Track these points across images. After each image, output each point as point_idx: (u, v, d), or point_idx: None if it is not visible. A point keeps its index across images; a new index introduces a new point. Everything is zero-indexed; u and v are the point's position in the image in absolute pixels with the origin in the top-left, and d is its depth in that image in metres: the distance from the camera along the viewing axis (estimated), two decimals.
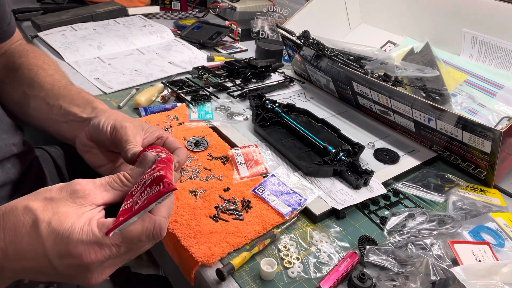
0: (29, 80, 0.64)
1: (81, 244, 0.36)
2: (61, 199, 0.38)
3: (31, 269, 0.38)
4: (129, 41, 1.24)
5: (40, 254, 0.36)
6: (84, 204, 0.38)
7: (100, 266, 0.37)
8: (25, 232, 0.37)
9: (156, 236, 0.39)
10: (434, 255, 0.54)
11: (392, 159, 0.77)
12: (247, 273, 0.54)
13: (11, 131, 0.64)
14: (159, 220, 0.39)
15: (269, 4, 1.41)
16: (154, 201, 0.36)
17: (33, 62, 0.68)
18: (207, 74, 1.03)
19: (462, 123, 0.69)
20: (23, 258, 0.37)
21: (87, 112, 0.57)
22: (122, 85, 1.00)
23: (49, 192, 0.39)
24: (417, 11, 1.05)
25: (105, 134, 0.52)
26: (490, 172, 0.72)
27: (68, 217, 0.37)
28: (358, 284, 0.51)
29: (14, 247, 0.37)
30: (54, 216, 0.37)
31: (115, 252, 0.37)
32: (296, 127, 0.81)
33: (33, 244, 0.36)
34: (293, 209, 0.63)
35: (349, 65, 0.86)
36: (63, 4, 1.49)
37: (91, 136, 0.55)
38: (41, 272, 0.38)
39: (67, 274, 0.37)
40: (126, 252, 0.38)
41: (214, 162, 0.74)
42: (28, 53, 0.69)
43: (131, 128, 0.51)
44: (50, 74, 0.66)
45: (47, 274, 0.38)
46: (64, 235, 0.36)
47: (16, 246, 0.37)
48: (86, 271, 0.37)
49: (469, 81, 0.90)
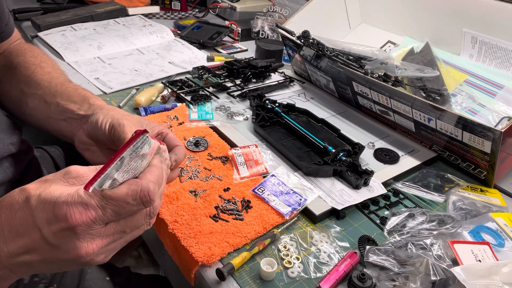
0: (27, 79, 0.64)
1: (65, 205, 0.35)
2: (55, 179, 0.39)
3: (25, 248, 0.37)
4: (129, 41, 1.24)
5: (31, 225, 0.37)
6: (76, 184, 0.39)
7: (88, 231, 0.36)
8: (18, 208, 0.38)
9: (145, 199, 0.37)
10: (434, 255, 0.54)
11: (392, 159, 0.77)
12: (247, 273, 0.54)
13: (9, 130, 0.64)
14: (146, 183, 0.37)
15: (269, 4, 1.41)
16: (127, 147, 0.35)
17: (31, 60, 0.67)
18: (207, 74, 1.03)
19: (462, 123, 0.69)
20: (16, 234, 0.37)
21: (84, 109, 0.57)
22: (122, 85, 1.00)
23: (44, 177, 0.40)
24: (417, 11, 1.05)
25: (104, 133, 0.51)
26: (490, 172, 0.72)
27: (58, 190, 0.37)
28: (358, 284, 0.51)
29: (9, 224, 0.37)
30: (45, 190, 0.37)
31: (101, 215, 0.36)
32: (296, 127, 0.81)
33: (25, 217, 0.37)
34: (293, 209, 0.63)
35: (349, 65, 0.86)
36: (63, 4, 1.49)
37: (89, 134, 0.55)
38: (34, 250, 0.37)
39: (58, 244, 0.36)
40: (114, 216, 0.37)
41: (214, 162, 0.73)
42: (25, 52, 0.69)
43: (129, 125, 0.51)
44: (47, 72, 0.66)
45: (40, 250, 0.37)
46: (51, 201, 0.36)
47: (11, 222, 0.37)
48: (74, 238, 0.36)
49: (469, 81, 0.90)
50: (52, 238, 0.36)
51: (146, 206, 0.38)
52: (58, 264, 0.39)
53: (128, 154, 0.36)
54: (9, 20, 0.70)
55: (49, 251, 0.37)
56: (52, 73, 0.66)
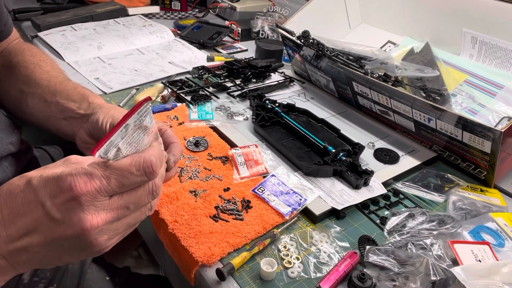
0: (26, 78, 0.64)
1: (70, 176, 0.35)
2: (55, 166, 0.39)
3: (26, 228, 0.37)
4: (129, 41, 1.24)
5: (33, 203, 0.36)
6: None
7: (93, 202, 0.36)
8: (19, 191, 0.37)
9: (147, 170, 0.37)
10: (434, 255, 0.54)
11: (392, 159, 0.77)
12: (247, 273, 0.54)
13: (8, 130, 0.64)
14: (148, 155, 0.38)
15: (269, 4, 1.41)
16: (132, 114, 0.35)
17: (30, 59, 0.68)
18: (207, 74, 1.03)
19: (462, 123, 0.69)
20: (17, 215, 0.37)
21: (84, 108, 0.57)
22: (122, 85, 1.00)
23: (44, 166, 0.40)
24: (417, 11, 1.05)
25: (104, 132, 0.52)
26: (490, 172, 0.72)
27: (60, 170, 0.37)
28: (358, 284, 0.51)
29: (9, 206, 0.37)
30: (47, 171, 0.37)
31: (106, 185, 0.36)
32: (296, 127, 0.81)
33: (26, 196, 0.37)
34: (293, 209, 0.63)
35: (349, 65, 0.86)
36: (63, 4, 1.49)
37: (90, 134, 0.55)
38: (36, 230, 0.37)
39: (61, 218, 0.36)
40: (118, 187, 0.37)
41: (214, 162, 0.73)
42: (24, 51, 0.70)
43: None
44: (46, 71, 0.66)
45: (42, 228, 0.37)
46: (54, 176, 0.36)
47: (11, 204, 0.37)
48: (79, 209, 0.35)
49: (469, 81, 0.90)
50: (56, 212, 0.36)
51: (149, 177, 0.38)
52: (60, 247, 0.38)
53: (133, 121, 0.36)
54: (7, 19, 0.70)
55: (51, 228, 0.36)
56: (51, 72, 0.66)
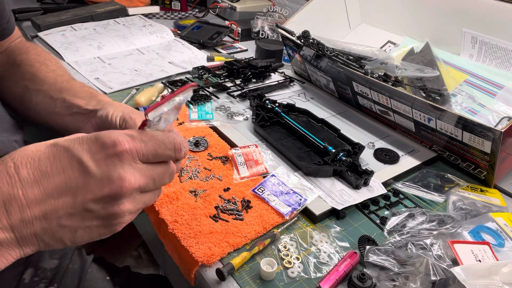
0: (31, 76, 0.65)
1: (114, 133, 0.37)
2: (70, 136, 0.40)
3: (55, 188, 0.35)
4: (129, 41, 1.24)
5: (66, 160, 0.36)
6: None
7: (132, 162, 0.37)
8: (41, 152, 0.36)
9: (177, 147, 0.40)
10: (434, 255, 0.54)
11: (392, 159, 0.77)
12: (247, 273, 0.54)
13: (11, 130, 0.65)
14: (177, 135, 0.41)
15: (269, 4, 1.41)
16: (180, 92, 0.39)
17: (35, 58, 0.68)
18: (207, 74, 1.03)
19: (462, 123, 0.69)
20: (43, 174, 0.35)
21: (92, 105, 0.58)
22: (122, 85, 1.00)
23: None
24: (417, 11, 1.05)
25: (114, 126, 0.52)
26: (490, 172, 0.72)
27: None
28: (358, 284, 0.51)
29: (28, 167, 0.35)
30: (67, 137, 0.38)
31: (144, 147, 0.38)
32: (296, 127, 0.81)
33: (56, 156, 0.36)
34: (293, 209, 0.63)
35: (349, 65, 0.86)
36: (63, 4, 1.49)
37: (98, 128, 0.55)
38: (67, 190, 0.35)
39: (100, 175, 0.35)
40: (152, 155, 0.38)
41: (214, 162, 0.74)
42: (29, 50, 0.70)
43: (140, 119, 0.52)
44: (52, 69, 0.67)
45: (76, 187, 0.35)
46: (91, 135, 0.37)
47: (33, 165, 0.35)
48: (119, 166, 0.36)
49: (469, 81, 0.90)
50: (96, 168, 0.35)
51: (176, 155, 0.41)
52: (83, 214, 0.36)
53: (178, 99, 0.39)
54: (10, 17, 0.71)
55: (85, 187, 0.35)
56: (57, 71, 0.67)
